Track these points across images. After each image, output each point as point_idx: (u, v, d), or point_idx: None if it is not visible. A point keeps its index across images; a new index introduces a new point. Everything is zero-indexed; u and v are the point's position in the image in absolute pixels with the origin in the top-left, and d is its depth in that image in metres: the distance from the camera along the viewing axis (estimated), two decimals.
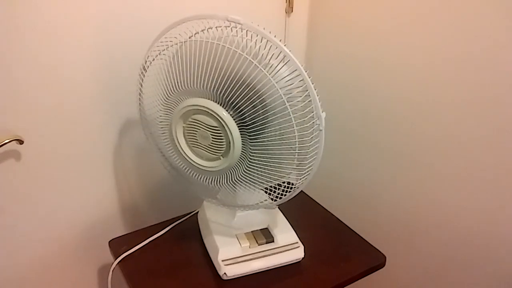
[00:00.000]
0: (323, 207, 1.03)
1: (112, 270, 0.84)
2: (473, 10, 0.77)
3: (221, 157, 0.69)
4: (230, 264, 0.78)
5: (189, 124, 0.69)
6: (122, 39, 0.86)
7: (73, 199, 0.93)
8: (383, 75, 0.98)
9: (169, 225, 0.93)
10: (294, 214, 0.91)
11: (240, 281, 0.79)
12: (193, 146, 0.71)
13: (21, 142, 0.79)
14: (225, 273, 0.77)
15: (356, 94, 1.05)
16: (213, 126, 0.66)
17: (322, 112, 0.61)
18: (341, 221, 0.97)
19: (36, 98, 0.80)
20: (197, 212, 0.95)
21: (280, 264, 0.82)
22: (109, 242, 0.89)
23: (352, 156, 1.13)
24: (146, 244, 0.88)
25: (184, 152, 0.71)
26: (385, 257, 0.86)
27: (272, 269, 0.82)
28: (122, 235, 0.91)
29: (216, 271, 0.80)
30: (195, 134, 0.69)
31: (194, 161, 0.72)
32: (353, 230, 0.94)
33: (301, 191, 0.85)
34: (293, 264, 0.83)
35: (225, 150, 0.67)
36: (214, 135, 0.67)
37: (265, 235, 0.83)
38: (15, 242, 0.89)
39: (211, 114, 0.64)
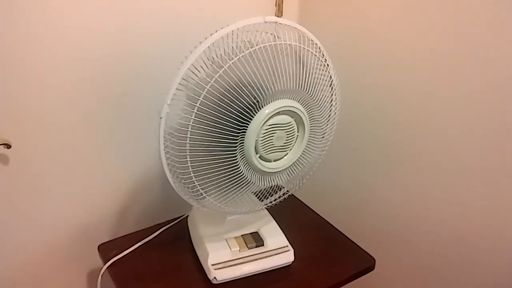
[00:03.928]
0: (313, 210, 1.03)
1: (101, 275, 0.83)
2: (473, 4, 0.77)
3: (288, 152, 0.72)
4: (220, 268, 0.78)
5: (265, 132, 0.67)
6: (116, 47, 0.86)
7: (62, 204, 0.92)
8: (372, 80, 0.99)
9: (158, 229, 0.93)
10: (284, 217, 0.91)
11: (230, 285, 0.79)
12: (266, 153, 0.69)
13: (8, 146, 0.78)
14: (215, 278, 0.77)
15: (343, 98, 1.05)
16: (287, 123, 0.68)
17: None
18: (331, 224, 0.98)
19: (25, 102, 0.80)
20: (187, 216, 0.95)
21: (270, 267, 0.82)
22: (98, 246, 0.88)
23: (341, 158, 1.14)
24: (136, 248, 0.87)
25: (261, 164, 0.69)
26: (375, 260, 0.87)
27: (262, 273, 0.82)
28: (112, 240, 0.90)
29: (206, 275, 0.80)
30: (271, 139, 0.68)
31: (269, 168, 0.71)
32: (342, 233, 0.95)
33: (291, 194, 0.86)
34: (283, 268, 0.84)
35: (293, 142, 0.72)
36: (288, 131, 0.69)
37: (255, 239, 0.83)
38: (3, 247, 0.88)
39: (290, 111, 0.67)
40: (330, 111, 0.75)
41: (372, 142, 1.04)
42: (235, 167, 0.68)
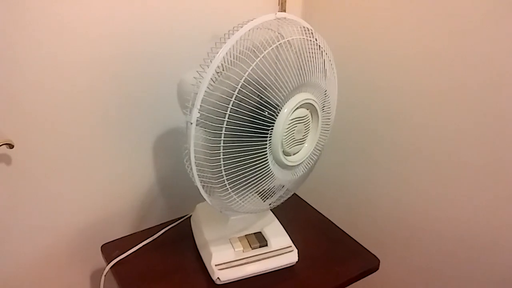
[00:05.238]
0: (317, 210, 1.03)
1: (105, 275, 0.83)
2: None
3: (305, 143, 0.73)
4: (224, 268, 0.78)
5: (287, 128, 0.68)
6: (118, 48, 0.86)
7: (64, 204, 0.92)
8: (375, 78, 0.98)
9: (162, 229, 0.92)
10: (288, 217, 0.91)
11: (233, 286, 0.79)
12: (289, 147, 0.70)
13: (11, 146, 0.78)
14: (218, 278, 0.77)
15: (345, 97, 1.05)
16: (305, 115, 0.69)
17: None
18: (335, 224, 0.97)
19: (27, 103, 0.79)
20: (190, 216, 0.95)
21: (274, 268, 0.82)
22: (101, 246, 0.88)
23: (345, 158, 1.14)
24: (139, 248, 0.87)
25: (287, 159, 0.70)
26: (379, 261, 0.87)
27: (266, 273, 0.81)
28: (115, 240, 0.90)
29: (210, 275, 0.79)
30: (293, 133, 0.69)
31: (291, 161, 0.72)
32: (346, 233, 0.94)
33: (294, 193, 0.85)
34: (287, 268, 0.83)
35: (309, 132, 0.73)
36: (305, 123, 0.70)
37: (259, 239, 0.83)
38: (6, 247, 0.88)
39: (307, 103, 0.68)
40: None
41: (375, 142, 1.03)
42: (266, 166, 0.69)
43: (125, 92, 0.90)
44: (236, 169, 0.67)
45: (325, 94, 0.73)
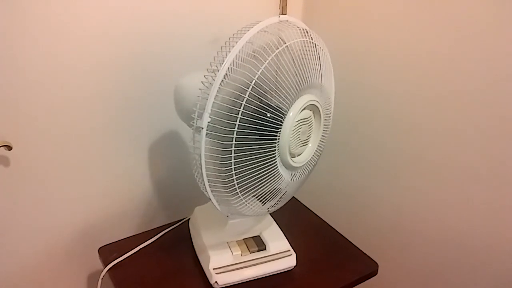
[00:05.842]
0: (315, 214, 1.03)
1: (102, 278, 0.82)
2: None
3: (309, 144, 0.74)
4: (222, 272, 0.78)
5: (293, 130, 0.68)
6: (118, 50, 0.86)
7: (62, 206, 0.92)
8: (375, 82, 0.98)
9: (160, 232, 0.92)
10: (286, 221, 0.91)
11: None
12: (294, 149, 0.70)
13: (9, 148, 0.78)
14: (216, 282, 0.77)
15: (345, 101, 1.05)
16: (308, 116, 0.70)
17: None
18: (333, 228, 0.97)
19: (25, 104, 0.79)
20: (189, 219, 0.94)
21: (272, 272, 0.82)
22: (98, 249, 0.88)
23: (343, 162, 1.13)
24: (137, 251, 0.87)
25: (293, 161, 0.71)
26: (377, 265, 0.86)
27: (264, 277, 0.81)
28: (112, 242, 0.90)
29: (207, 279, 0.79)
30: (299, 134, 0.70)
31: (297, 162, 0.72)
32: (345, 237, 0.94)
33: (293, 197, 0.85)
34: (285, 272, 0.83)
35: (312, 133, 0.73)
36: (309, 124, 0.71)
37: (257, 243, 0.83)
38: (3, 250, 0.87)
39: (311, 105, 0.69)
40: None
41: (374, 146, 1.03)
42: (275, 169, 0.69)
43: (125, 93, 0.90)
44: (246, 173, 0.67)
45: (323, 90, 0.73)
